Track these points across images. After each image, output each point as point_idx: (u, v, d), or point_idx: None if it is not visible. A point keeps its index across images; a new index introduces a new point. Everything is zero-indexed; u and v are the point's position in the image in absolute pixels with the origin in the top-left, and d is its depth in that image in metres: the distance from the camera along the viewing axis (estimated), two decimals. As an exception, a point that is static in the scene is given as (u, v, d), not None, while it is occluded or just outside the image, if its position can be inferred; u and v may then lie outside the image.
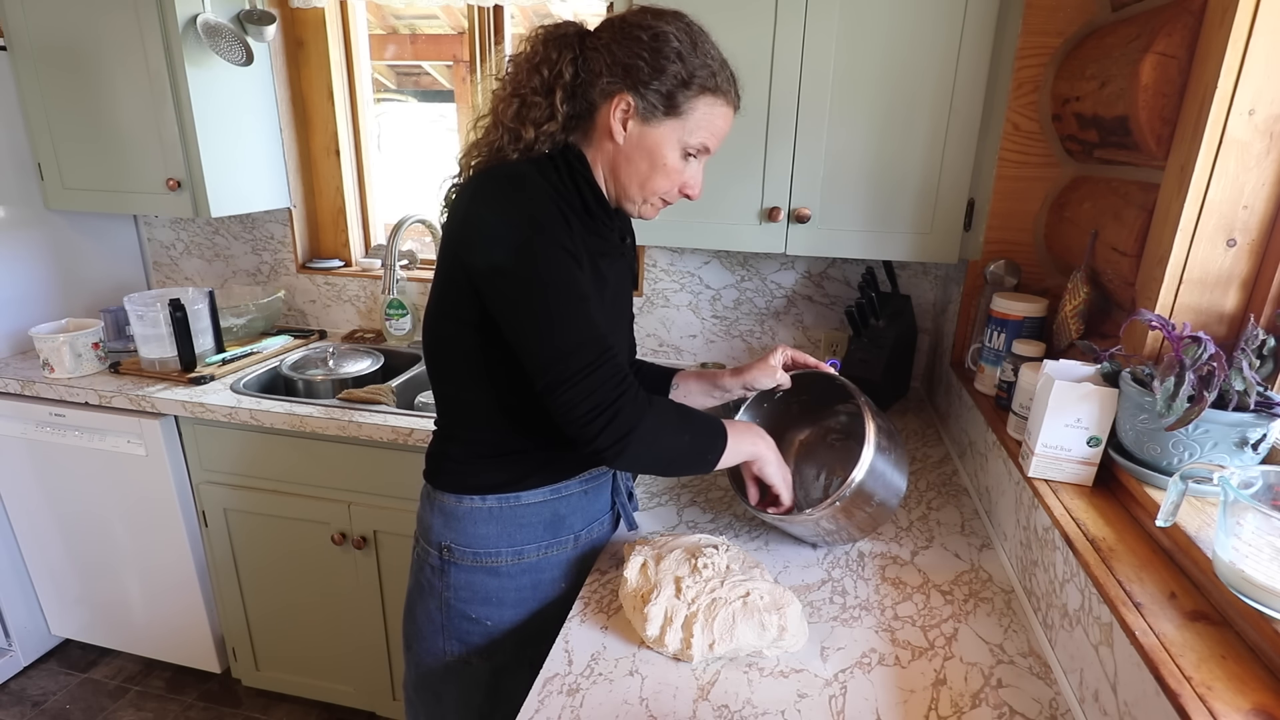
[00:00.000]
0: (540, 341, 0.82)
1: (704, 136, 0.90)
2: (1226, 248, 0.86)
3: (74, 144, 1.82)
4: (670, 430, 0.88)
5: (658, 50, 0.85)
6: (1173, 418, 0.76)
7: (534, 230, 0.81)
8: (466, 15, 1.87)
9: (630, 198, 0.94)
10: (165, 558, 1.81)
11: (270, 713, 1.91)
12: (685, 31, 0.87)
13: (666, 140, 0.89)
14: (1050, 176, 1.29)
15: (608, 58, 0.87)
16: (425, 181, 2.26)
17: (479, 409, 0.95)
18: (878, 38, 1.30)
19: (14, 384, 1.73)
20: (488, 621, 1.00)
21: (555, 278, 0.81)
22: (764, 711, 0.77)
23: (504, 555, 0.98)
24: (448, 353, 0.94)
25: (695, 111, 0.88)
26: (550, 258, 0.82)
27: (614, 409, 0.82)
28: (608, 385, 0.82)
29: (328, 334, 2.17)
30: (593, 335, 0.83)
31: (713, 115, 0.90)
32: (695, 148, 0.91)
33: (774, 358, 1.07)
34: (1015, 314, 1.18)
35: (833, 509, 0.96)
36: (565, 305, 0.82)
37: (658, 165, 0.90)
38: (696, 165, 0.93)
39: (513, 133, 0.89)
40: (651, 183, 0.91)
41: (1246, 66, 0.79)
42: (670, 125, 0.88)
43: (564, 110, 0.88)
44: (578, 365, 0.81)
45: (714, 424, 0.93)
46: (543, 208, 0.83)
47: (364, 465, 1.58)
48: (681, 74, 0.86)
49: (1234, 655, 0.63)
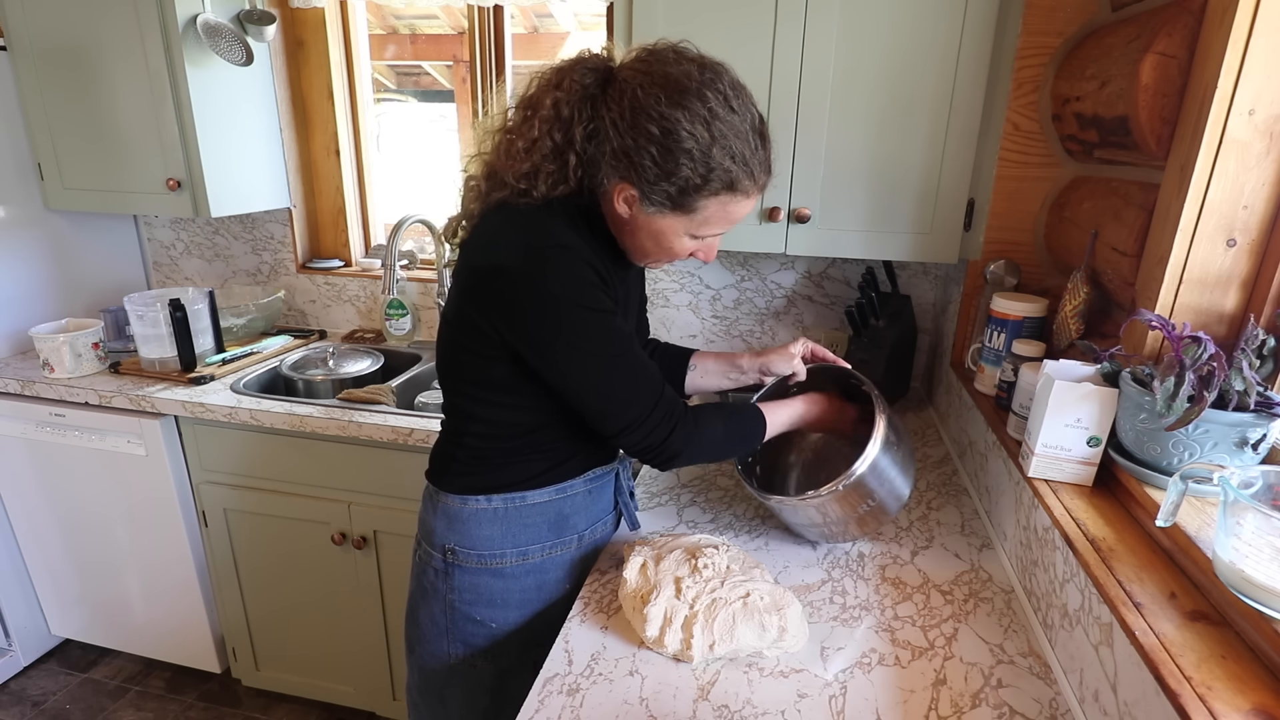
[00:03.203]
0: (600, 400, 0.87)
1: (716, 228, 0.87)
2: (1226, 248, 0.86)
3: (74, 144, 1.82)
4: (714, 446, 0.97)
5: (667, 150, 0.78)
6: (1173, 418, 0.76)
7: (555, 301, 0.81)
8: (466, 15, 1.87)
9: (635, 259, 0.94)
10: (165, 558, 1.81)
11: (270, 713, 1.91)
12: (705, 122, 0.77)
13: (672, 230, 0.86)
14: (1050, 176, 1.29)
15: (615, 142, 0.80)
16: (425, 181, 2.26)
17: (491, 420, 0.94)
18: (878, 38, 1.30)
19: (14, 384, 1.73)
20: (492, 624, 1.00)
21: (599, 345, 0.84)
22: (764, 711, 0.77)
23: (509, 556, 0.98)
24: (465, 374, 0.94)
25: (708, 209, 0.83)
26: (591, 323, 0.83)
27: (664, 446, 0.90)
28: (660, 428, 0.89)
29: (328, 334, 2.17)
30: (643, 385, 0.88)
31: (729, 209, 0.85)
32: (706, 235, 0.87)
33: (794, 346, 1.08)
34: (1015, 314, 1.18)
35: (832, 495, 0.96)
36: (600, 370, 0.85)
37: (663, 247, 0.88)
38: (712, 241, 0.90)
39: (523, 186, 0.85)
40: (654, 257, 0.91)
41: (1246, 66, 0.79)
42: (677, 219, 0.84)
43: (577, 175, 0.85)
44: (635, 416, 0.88)
45: (753, 421, 0.99)
46: (561, 267, 0.80)
47: (364, 465, 1.58)
48: (694, 179, 0.79)
49: (1234, 655, 0.63)
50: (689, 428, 0.91)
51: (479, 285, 0.85)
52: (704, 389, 1.16)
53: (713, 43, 0.86)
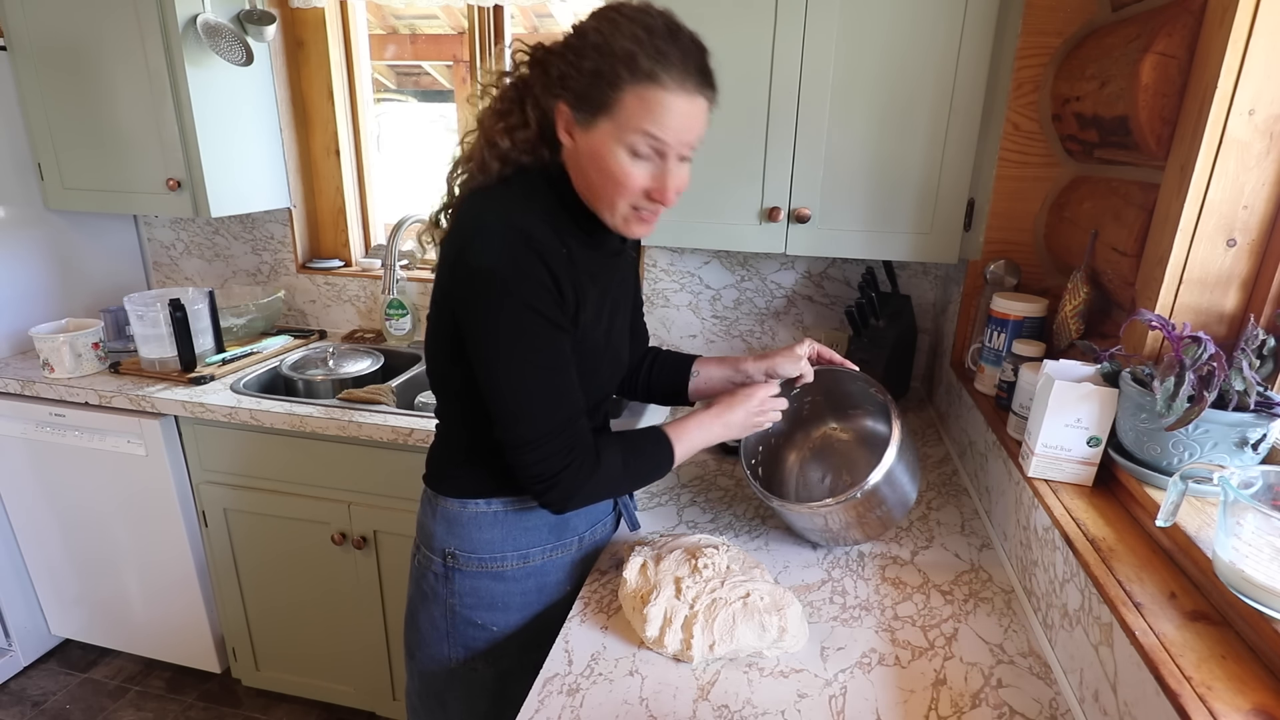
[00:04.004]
0: (508, 404, 0.85)
1: (647, 130, 0.80)
2: (1226, 248, 0.86)
3: (74, 144, 1.82)
4: (614, 482, 0.92)
5: (576, 49, 0.81)
6: (1173, 418, 0.76)
7: (505, 293, 0.81)
8: (466, 15, 1.87)
9: (599, 211, 0.87)
10: (165, 557, 1.81)
11: (270, 713, 1.91)
12: (609, 19, 0.80)
13: (605, 145, 0.81)
14: (1050, 176, 1.29)
15: (551, 67, 0.84)
16: (425, 181, 2.26)
17: (482, 425, 0.93)
18: (878, 37, 1.30)
19: (14, 384, 1.73)
20: (493, 627, 1.00)
21: (517, 346, 0.82)
22: (764, 711, 0.77)
23: (509, 559, 0.98)
24: (447, 384, 0.95)
25: (626, 103, 0.79)
26: (517, 323, 0.82)
27: (555, 479, 0.86)
28: (554, 458, 0.85)
29: (328, 334, 2.17)
30: (555, 408, 0.85)
31: (649, 104, 0.78)
32: (641, 146, 0.81)
33: (800, 348, 1.06)
34: (1015, 314, 1.18)
35: (843, 505, 0.96)
36: (523, 374, 0.83)
37: (605, 172, 0.82)
38: (661, 165, 0.83)
39: (490, 143, 0.87)
40: (606, 192, 0.84)
41: (1246, 66, 0.79)
42: (605, 126, 0.81)
43: (535, 117, 0.86)
44: (534, 435, 0.85)
45: (657, 446, 0.95)
46: (520, 262, 0.80)
47: (364, 465, 1.58)
48: (599, 67, 0.79)
49: (1234, 655, 0.63)
50: (587, 471, 0.88)
51: (451, 281, 0.85)
52: (707, 395, 1.16)
53: (713, 42, 0.85)
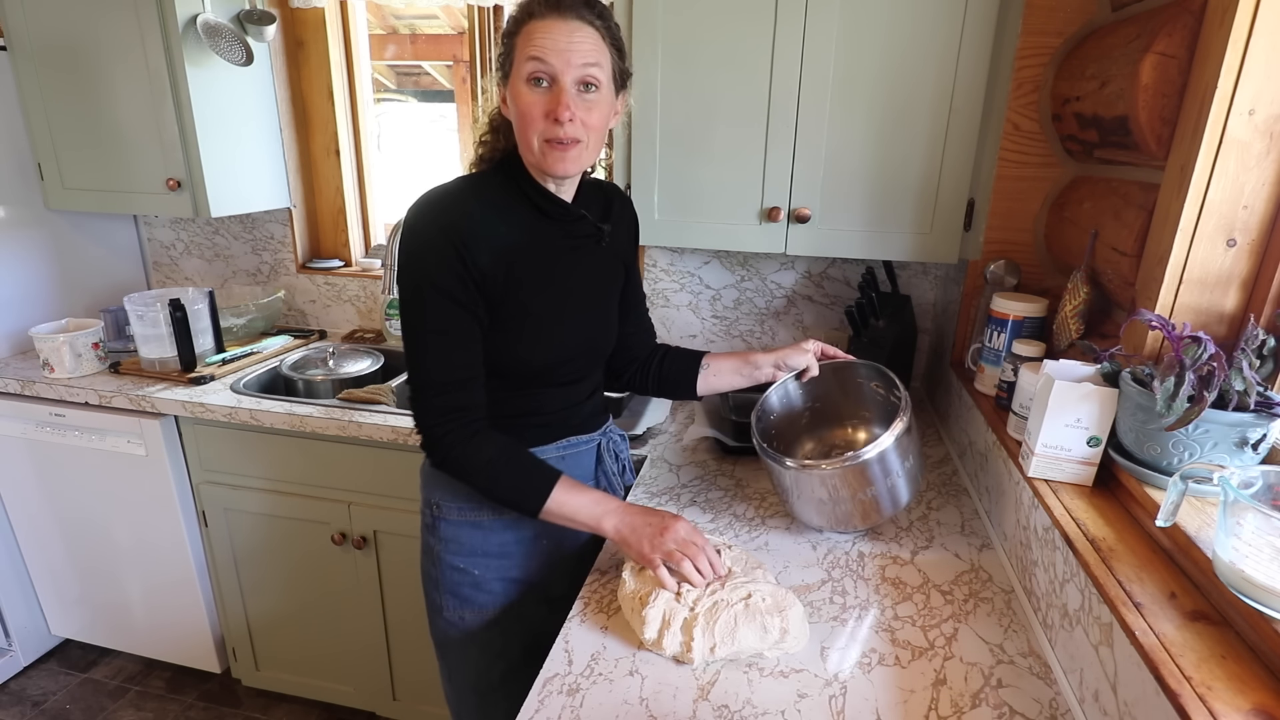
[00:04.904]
0: (408, 361, 0.96)
1: (530, 55, 0.88)
2: (1226, 248, 0.86)
3: (74, 144, 1.82)
4: (474, 468, 0.96)
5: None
6: (1173, 418, 0.76)
7: (410, 271, 0.92)
8: (466, 15, 1.87)
9: (527, 159, 0.95)
10: (165, 558, 1.81)
11: (270, 713, 1.91)
12: None
13: (513, 88, 0.91)
14: (1050, 176, 1.29)
15: None
16: (425, 181, 2.26)
17: None
18: (878, 38, 1.30)
19: (14, 384, 1.73)
20: (474, 570, 1.07)
21: (416, 313, 0.93)
22: (764, 712, 0.77)
23: (485, 510, 1.06)
24: None
25: (517, 49, 0.90)
26: (418, 295, 0.92)
27: (429, 431, 0.95)
28: (434, 413, 0.94)
29: (328, 334, 2.17)
30: (439, 370, 0.93)
31: (529, 35, 0.88)
32: (530, 73, 0.89)
33: (807, 344, 1.13)
34: (1015, 314, 1.18)
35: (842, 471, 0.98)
36: (416, 333, 0.93)
37: (517, 113, 0.91)
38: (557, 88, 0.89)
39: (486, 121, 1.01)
40: (523, 133, 0.92)
41: (1246, 66, 0.79)
42: (512, 77, 0.92)
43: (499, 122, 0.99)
44: (416, 382, 0.95)
45: (533, 479, 0.97)
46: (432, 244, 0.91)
47: (364, 465, 1.58)
48: (507, 26, 0.92)
49: (1234, 655, 0.63)
50: (461, 440, 0.95)
51: None
52: (718, 389, 1.18)
53: (713, 42, 0.86)
